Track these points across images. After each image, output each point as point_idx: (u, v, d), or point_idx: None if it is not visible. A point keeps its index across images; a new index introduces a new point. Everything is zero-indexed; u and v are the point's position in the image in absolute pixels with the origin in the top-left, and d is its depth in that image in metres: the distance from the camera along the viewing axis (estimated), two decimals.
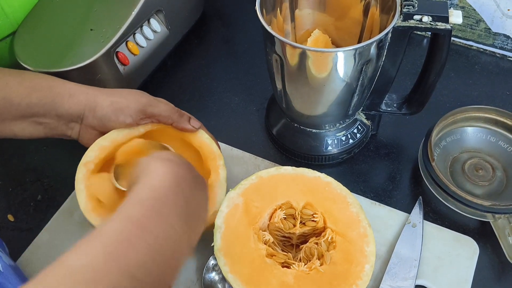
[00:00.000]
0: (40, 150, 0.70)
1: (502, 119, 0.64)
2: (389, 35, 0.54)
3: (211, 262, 0.56)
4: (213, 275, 0.55)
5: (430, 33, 0.56)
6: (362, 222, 0.52)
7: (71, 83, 0.56)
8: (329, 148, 0.65)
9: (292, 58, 0.54)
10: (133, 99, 0.55)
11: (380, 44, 0.53)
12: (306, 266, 0.50)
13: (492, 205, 0.57)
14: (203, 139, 0.59)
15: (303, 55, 0.53)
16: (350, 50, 0.51)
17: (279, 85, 0.60)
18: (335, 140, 0.65)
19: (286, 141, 0.67)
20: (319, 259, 0.50)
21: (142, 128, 0.57)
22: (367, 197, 0.62)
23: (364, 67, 0.54)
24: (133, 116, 0.55)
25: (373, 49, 0.53)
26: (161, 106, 0.56)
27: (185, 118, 0.58)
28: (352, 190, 0.56)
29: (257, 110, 0.73)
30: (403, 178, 0.65)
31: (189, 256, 0.42)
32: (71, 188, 0.63)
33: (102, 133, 0.56)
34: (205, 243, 0.58)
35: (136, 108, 0.55)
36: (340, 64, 0.53)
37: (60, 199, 0.64)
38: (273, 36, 0.53)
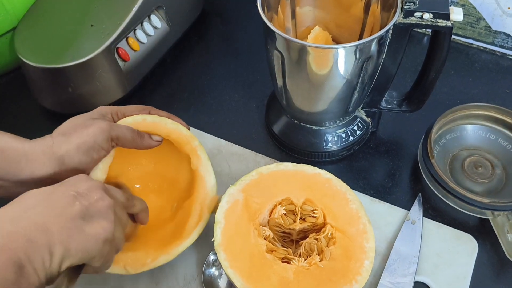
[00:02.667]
0: None
1: (501, 117, 0.65)
2: (390, 32, 0.54)
3: (211, 257, 0.56)
4: (213, 270, 0.55)
5: (430, 30, 0.57)
6: (362, 218, 0.52)
7: (25, 142, 0.48)
8: (329, 145, 0.65)
9: (293, 54, 0.54)
10: (95, 131, 0.49)
11: (380, 41, 0.54)
12: (306, 261, 0.50)
13: (491, 203, 0.57)
14: (167, 126, 0.55)
15: (304, 52, 0.53)
16: (350, 46, 0.52)
17: (279, 82, 0.60)
18: (335, 137, 0.65)
19: (286, 138, 0.67)
20: (318, 255, 0.50)
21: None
22: (367, 194, 0.62)
23: (364, 64, 0.55)
24: (105, 147, 0.50)
25: (373, 46, 0.53)
26: (124, 131, 0.52)
27: (147, 137, 0.54)
28: (352, 186, 0.57)
29: (257, 107, 0.73)
30: (403, 175, 0.65)
31: None
32: None
33: None
34: (205, 238, 0.59)
35: (104, 138, 0.49)
36: (341, 61, 0.53)
37: None
38: (274, 33, 0.53)
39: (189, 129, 0.58)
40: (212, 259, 0.56)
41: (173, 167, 0.61)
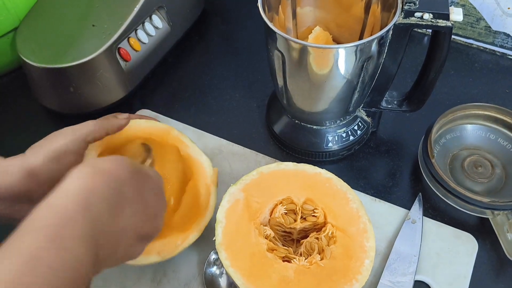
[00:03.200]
0: None
1: (501, 117, 0.65)
2: (390, 32, 0.54)
3: (212, 256, 0.56)
4: (214, 269, 0.56)
5: (430, 30, 0.57)
6: (362, 217, 0.52)
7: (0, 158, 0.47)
8: (330, 144, 0.65)
9: (294, 54, 0.54)
10: (65, 137, 0.49)
11: (381, 41, 0.54)
12: (306, 260, 0.50)
13: (491, 202, 0.57)
14: (143, 125, 0.57)
15: (304, 52, 0.53)
16: (351, 46, 0.52)
17: (280, 82, 0.60)
18: (336, 136, 0.65)
19: (287, 138, 0.67)
20: (319, 254, 0.51)
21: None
22: (367, 193, 0.63)
23: (365, 64, 0.55)
24: (76, 150, 0.49)
25: (374, 46, 0.53)
26: (89, 124, 0.51)
27: (112, 117, 0.54)
28: (353, 186, 0.57)
29: (258, 106, 0.73)
30: (403, 175, 0.65)
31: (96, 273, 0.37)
32: None
33: None
34: (206, 238, 0.59)
35: (74, 140, 0.49)
36: (341, 61, 0.53)
37: None
38: (275, 33, 0.53)
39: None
40: (213, 258, 0.56)
41: (156, 166, 0.61)
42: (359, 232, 0.51)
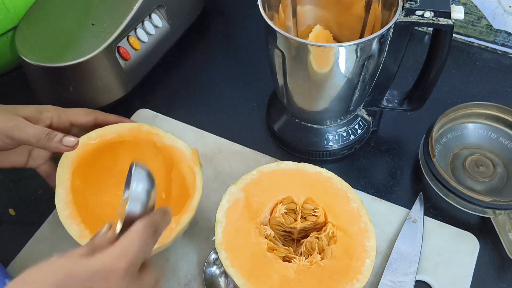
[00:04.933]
0: None
1: (503, 116, 0.64)
2: (391, 30, 0.54)
3: (212, 256, 0.56)
4: (214, 269, 0.55)
5: (431, 29, 0.57)
6: (363, 217, 0.52)
7: None
8: (330, 143, 0.65)
9: (294, 53, 0.54)
10: (2, 121, 0.51)
11: (381, 39, 0.54)
12: (307, 260, 0.50)
13: (493, 201, 0.57)
14: (113, 129, 0.58)
15: (305, 50, 0.53)
16: (351, 45, 0.51)
17: (280, 81, 0.60)
18: (336, 135, 0.65)
19: (287, 137, 0.67)
20: (320, 254, 0.50)
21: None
22: (368, 192, 0.62)
23: (365, 63, 0.54)
24: (1, 139, 0.51)
25: (374, 45, 0.53)
26: (28, 130, 0.52)
27: (56, 140, 0.53)
28: (353, 185, 0.57)
29: (258, 105, 0.73)
30: (404, 174, 0.65)
31: None
32: None
33: None
34: (206, 237, 0.59)
35: (2, 133, 0.51)
36: (342, 59, 0.53)
37: None
38: (275, 31, 0.53)
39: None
40: (213, 258, 0.56)
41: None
42: (360, 232, 0.51)
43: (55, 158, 0.59)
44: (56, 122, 0.56)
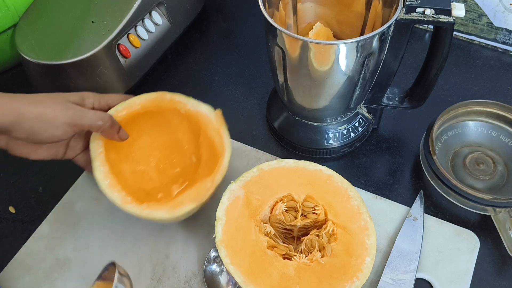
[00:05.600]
0: None
1: (503, 113, 0.64)
2: (392, 28, 0.54)
3: (212, 254, 0.56)
4: (214, 267, 0.55)
5: (432, 26, 0.56)
6: (363, 215, 0.52)
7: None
8: (330, 141, 0.65)
9: (294, 50, 0.54)
10: (60, 111, 0.51)
11: (382, 37, 0.53)
12: (307, 258, 0.50)
13: (493, 199, 0.57)
14: (137, 101, 0.60)
15: (305, 48, 0.53)
16: (352, 42, 0.51)
17: (280, 78, 0.60)
18: (337, 133, 0.65)
19: (287, 135, 0.67)
20: (320, 251, 0.50)
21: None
22: (368, 190, 0.62)
23: (366, 60, 0.54)
24: (62, 128, 0.51)
25: (375, 42, 0.53)
26: (90, 116, 0.53)
27: (115, 128, 0.55)
28: (353, 183, 0.56)
29: (258, 103, 0.73)
30: (404, 172, 0.65)
31: None
32: (72, 180, 0.64)
33: (37, 145, 0.54)
34: (206, 235, 0.59)
35: (65, 121, 0.51)
36: (342, 57, 0.53)
37: (61, 191, 0.64)
38: (275, 29, 0.53)
39: None
40: (213, 256, 0.56)
41: (166, 135, 0.63)
42: (360, 230, 0.51)
43: None
44: (97, 107, 0.57)
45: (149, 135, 0.62)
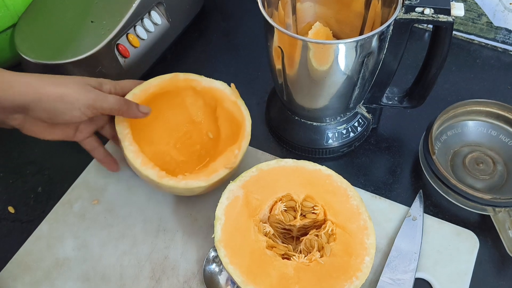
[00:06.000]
0: (40, 142, 0.69)
1: (503, 113, 0.64)
2: (391, 27, 0.54)
3: (212, 254, 0.56)
4: (213, 267, 0.55)
5: (431, 26, 0.56)
6: (363, 214, 0.52)
7: (10, 72, 0.51)
8: (330, 141, 0.65)
9: (293, 50, 0.54)
10: (82, 93, 0.53)
11: (381, 36, 0.53)
12: (306, 258, 0.50)
13: (493, 199, 0.57)
14: (154, 82, 0.62)
15: (304, 47, 0.53)
16: (351, 42, 0.51)
17: (280, 78, 0.60)
18: (336, 133, 0.65)
19: (287, 134, 0.67)
20: (319, 251, 0.50)
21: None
22: (367, 190, 0.62)
23: (365, 60, 0.54)
24: (82, 110, 0.53)
25: (374, 42, 0.53)
26: (110, 100, 0.55)
27: (134, 107, 0.57)
28: (353, 183, 0.56)
29: (258, 103, 0.73)
30: (404, 172, 0.65)
31: None
32: (72, 180, 0.64)
33: (51, 125, 0.56)
34: (205, 235, 0.59)
35: (86, 103, 0.53)
36: (341, 57, 0.53)
37: (60, 191, 0.64)
38: (274, 28, 0.53)
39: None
40: (213, 256, 0.56)
41: (181, 114, 0.65)
42: (360, 229, 0.51)
43: None
44: (114, 93, 0.59)
45: (165, 116, 0.64)
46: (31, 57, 0.65)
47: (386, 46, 0.56)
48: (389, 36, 0.55)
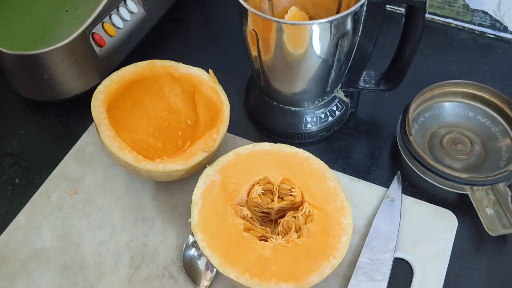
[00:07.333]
0: (18, 134, 0.69)
1: (480, 94, 0.65)
2: (364, 8, 0.54)
3: (191, 239, 0.56)
4: (193, 252, 0.55)
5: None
6: (340, 195, 0.52)
7: None
8: (308, 125, 0.65)
9: (267, 32, 0.54)
10: None
11: (355, 17, 0.53)
12: (283, 239, 0.50)
13: (470, 177, 0.57)
14: (131, 70, 0.61)
15: (278, 29, 0.52)
16: (325, 22, 0.51)
17: (256, 63, 0.60)
18: (314, 117, 0.65)
19: (265, 120, 0.66)
20: (296, 232, 0.50)
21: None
22: (346, 173, 0.62)
23: (340, 41, 0.54)
24: None
25: (348, 23, 0.53)
26: None
27: None
28: (332, 167, 0.56)
29: (237, 90, 0.72)
30: (382, 154, 0.65)
31: None
32: (49, 170, 0.63)
33: None
34: (184, 222, 0.58)
35: None
36: (316, 38, 0.53)
37: (38, 182, 0.63)
38: (247, 11, 0.52)
39: None
40: (192, 241, 0.56)
41: (159, 101, 0.64)
42: (337, 210, 0.51)
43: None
44: None
45: (143, 104, 0.64)
46: (4, 48, 0.64)
47: (361, 28, 0.56)
48: (363, 17, 0.55)
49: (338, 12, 0.63)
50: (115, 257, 0.56)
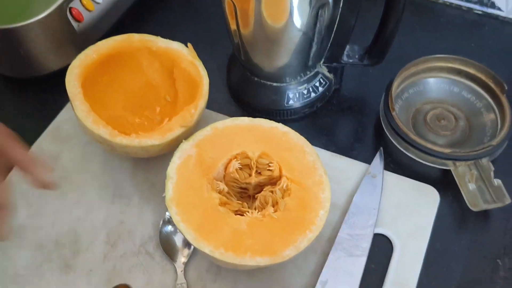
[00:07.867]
0: None
1: (465, 69, 0.64)
2: None
3: (167, 215, 0.55)
4: (169, 228, 0.54)
5: None
6: (318, 170, 0.51)
7: None
8: (291, 102, 0.64)
9: (245, 3, 0.52)
10: None
11: None
12: (260, 213, 0.49)
13: (452, 152, 0.56)
14: (108, 43, 0.60)
15: None
16: None
17: (235, 38, 0.58)
18: (297, 93, 0.64)
19: (247, 97, 0.65)
20: (273, 207, 0.49)
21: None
22: (329, 150, 0.61)
23: (320, 12, 0.53)
24: None
25: None
26: (18, 152, 0.48)
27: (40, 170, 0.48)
28: (315, 144, 0.55)
29: (218, 67, 0.71)
30: (366, 131, 0.64)
31: None
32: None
33: None
34: (162, 199, 0.57)
35: None
36: (294, 7, 0.51)
37: None
38: None
39: None
40: (168, 217, 0.55)
41: (137, 77, 0.63)
42: (315, 184, 0.50)
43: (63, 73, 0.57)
44: None
45: (121, 80, 0.62)
46: None
47: (342, 0, 0.54)
48: None
49: None
50: (91, 234, 0.55)
